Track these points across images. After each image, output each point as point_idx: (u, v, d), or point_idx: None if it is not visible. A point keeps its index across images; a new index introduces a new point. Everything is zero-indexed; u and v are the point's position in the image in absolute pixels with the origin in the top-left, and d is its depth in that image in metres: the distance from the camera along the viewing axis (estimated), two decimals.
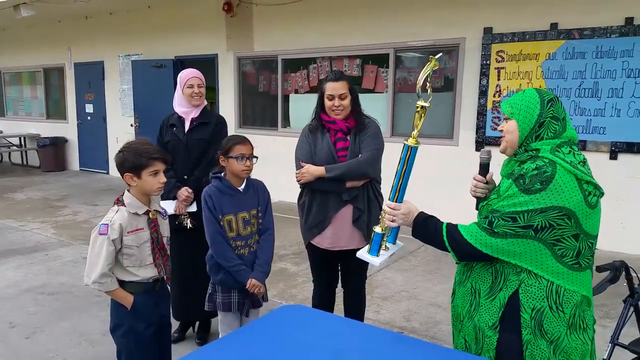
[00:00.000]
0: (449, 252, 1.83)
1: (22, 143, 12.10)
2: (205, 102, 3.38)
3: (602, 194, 1.74)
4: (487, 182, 2.01)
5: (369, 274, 3.35)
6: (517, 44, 5.66)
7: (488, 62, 5.86)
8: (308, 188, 2.83)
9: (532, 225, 1.67)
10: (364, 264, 2.94)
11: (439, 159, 6.17)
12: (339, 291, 3.10)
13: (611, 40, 5.16)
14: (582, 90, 5.38)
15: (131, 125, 9.56)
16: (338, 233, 2.78)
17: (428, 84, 2.04)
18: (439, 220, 1.90)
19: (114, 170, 10.39)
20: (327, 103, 2.76)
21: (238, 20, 8.10)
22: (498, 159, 1.96)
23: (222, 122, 3.40)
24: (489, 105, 5.90)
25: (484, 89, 5.91)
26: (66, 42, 10.89)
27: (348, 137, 2.78)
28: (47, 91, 11.89)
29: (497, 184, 1.94)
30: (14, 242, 5.73)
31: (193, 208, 3.25)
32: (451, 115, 6.26)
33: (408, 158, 2.00)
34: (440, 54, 2.10)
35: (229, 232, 2.52)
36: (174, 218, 3.16)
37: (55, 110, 11.80)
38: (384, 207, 2.02)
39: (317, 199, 2.79)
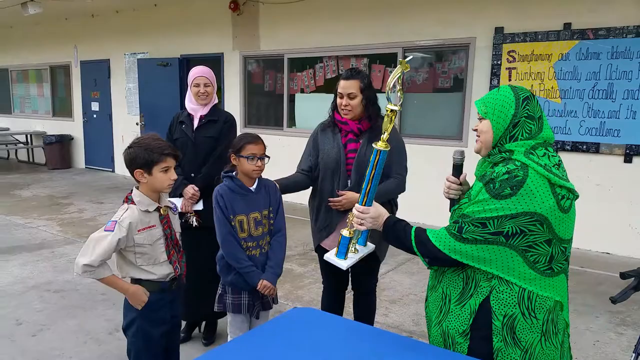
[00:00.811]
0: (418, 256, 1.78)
1: (29, 140, 12.11)
2: (216, 100, 3.34)
3: (576, 197, 1.69)
4: (460, 183, 1.96)
5: None
6: (529, 44, 5.60)
7: (499, 62, 5.80)
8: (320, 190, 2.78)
9: (503, 232, 1.62)
10: (375, 267, 2.89)
11: (448, 160, 6.09)
12: (349, 293, 3.05)
13: (627, 41, 5.08)
14: (596, 91, 5.30)
15: (137, 124, 9.53)
16: None
17: (399, 87, 2.01)
18: (409, 224, 1.85)
19: (119, 168, 10.40)
20: (338, 101, 2.69)
21: (244, 19, 8.06)
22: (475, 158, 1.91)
23: (231, 121, 3.36)
24: None
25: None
26: (72, 40, 10.88)
27: (359, 140, 2.71)
28: (53, 89, 11.89)
29: (471, 185, 1.88)
30: (20, 239, 5.71)
31: (199, 206, 3.21)
32: (460, 116, 6.19)
33: (377, 162, 1.96)
34: (411, 56, 2.07)
35: (240, 232, 2.46)
36: (179, 216, 3.12)
37: (61, 108, 11.79)
38: (353, 210, 1.98)
39: (327, 200, 2.73)
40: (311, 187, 2.87)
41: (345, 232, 2.07)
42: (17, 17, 10.01)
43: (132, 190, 2.21)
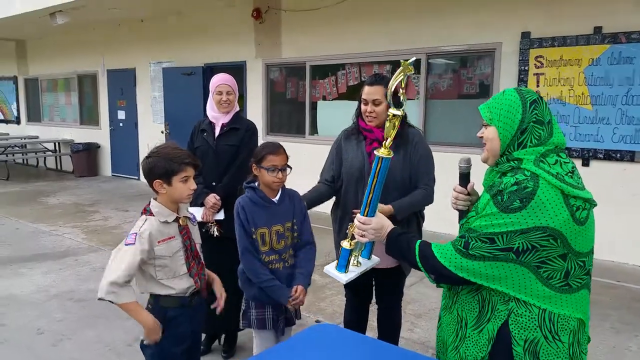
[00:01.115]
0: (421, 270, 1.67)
1: (57, 148, 12.34)
2: (237, 108, 3.30)
3: (594, 206, 1.56)
4: (468, 194, 1.83)
5: None
6: (558, 49, 5.43)
7: (526, 68, 5.64)
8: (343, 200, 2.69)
9: (513, 248, 1.50)
10: (400, 283, 2.79)
11: (473, 168, 5.95)
12: (373, 306, 2.95)
13: None
14: (630, 97, 5.09)
15: (162, 132, 9.61)
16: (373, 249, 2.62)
17: (402, 91, 1.89)
18: (415, 236, 1.75)
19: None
20: (362, 107, 2.60)
21: (266, 27, 8.06)
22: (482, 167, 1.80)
23: (252, 129, 3.33)
24: None
25: None
26: (99, 49, 11.07)
27: None
28: (81, 97, 12.11)
29: (480, 195, 1.76)
30: (45, 246, 5.77)
31: (221, 216, 3.16)
32: None
33: (379, 169, 1.86)
34: (414, 58, 1.93)
35: (262, 246, 2.37)
36: (200, 226, 3.07)
37: (88, 116, 11.99)
38: (355, 221, 1.88)
39: (351, 212, 2.64)
40: (334, 197, 2.79)
41: (345, 244, 1.97)
42: (47, 28, 10.23)
43: (149, 201, 2.16)
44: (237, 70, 8.52)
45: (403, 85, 1.86)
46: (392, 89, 1.84)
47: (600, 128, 5.28)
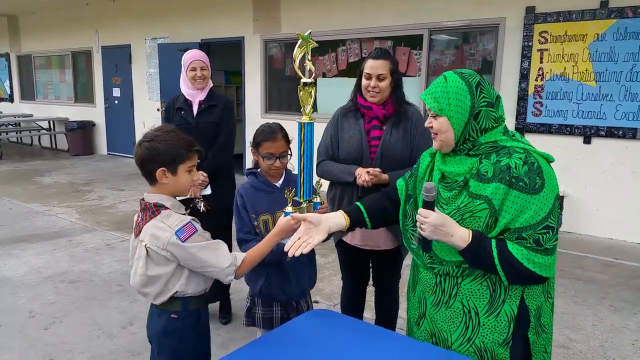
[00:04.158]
0: (498, 274, 1.52)
1: (51, 127, 12.18)
2: (211, 84, 3.32)
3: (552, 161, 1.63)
4: None
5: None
6: (562, 24, 5.28)
7: (530, 44, 5.49)
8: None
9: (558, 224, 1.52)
10: (397, 264, 2.72)
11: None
12: (370, 287, 2.88)
13: None
14: (635, 73, 4.97)
15: (158, 110, 9.46)
16: (370, 231, 2.53)
17: (308, 61, 1.86)
18: (485, 237, 1.52)
19: None
20: (364, 82, 2.48)
21: (265, 1, 7.86)
22: None
23: (230, 105, 3.37)
24: (531, 90, 5.55)
25: (525, 72, 5.55)
26: (93, 25, 10.84)
27: (384, 127, 2.50)
28: (75, 75, 11.91)
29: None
30: (39, 227, 5.68)
31: (207, 191, 3.18)
32: None
33: (303, 137, 1.79)
34: (310, 30, 1.92)
35: (265, 233, 2.14)
36: (188, 201, 3.03)
37: (83, 94, 11.81)
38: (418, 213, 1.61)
39: (348, 193, 2.55)
40: None
41: (289, 209, 1.86)
42: (39, 3, 10.00)
43: (144, 197, 1.80)
44: (235, 47, 8.35)
45: (310, 58, 1.86)
46: (297, 61, 1.83)
47: (604, 105, 5.17)
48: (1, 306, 3.68)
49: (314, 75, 1.87)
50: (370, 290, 2.88)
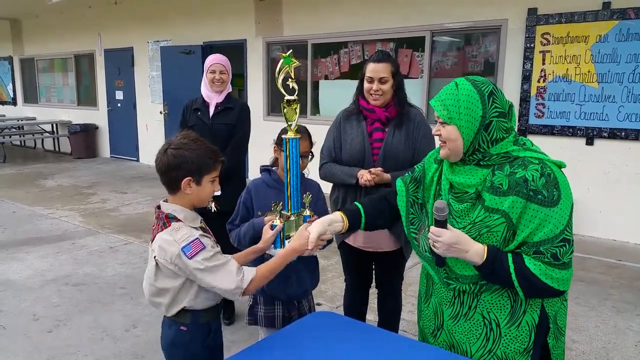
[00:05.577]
0: (515, 289, 1.51)
1: (54, 130, 12.21)
2: (230, 89, 3.39)
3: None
4: None
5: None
6: (565, 25, 5.28)
7: (532, 45, 5.49)
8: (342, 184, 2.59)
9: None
10: (400, 266, 2.72)
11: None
12: (373, 289, 2.88)
13: None
14: (637, 75, 4.97)
15: (160, 112, 9.48)
16: (372, 233, 2.53)
17: (290, 80, 1.86)
18: (501, 251, 1.50)
19: (143, 158, 10.39)
20: (366, 85, 2.49)
21: (267, 4, 7.88)
22: None
23: (246, 109, 3.45)
24: (533, 91, 5.55)
25: (527, 73, 5.55)
26: (96, 28, 10.87)
27: (386, 129, 2.51)
28: (78, 78, 11.94)
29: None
30: (42, 230, 5.70)
31: (217, 192, 3.15)
32: None
33: (289, 153, 1.82)
34: (291, 50, 1.92)
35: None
36: None
37: (86, 97, 11.85)
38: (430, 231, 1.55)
39: (351, 195, 2.55)
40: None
41: (277, 221, 1.86)
42: (42, 6, 10.03)
43: (160, 206, 1.74)
44: (237, 49, 8.36)
45: (293, 76, 1.87)
46: (280, 80, 1.83)
47: (606, 106, 5.17)
48: (5, 309, 3.69)
49: (296, 92, 1.89)
50: (373, 292, 2.88)
